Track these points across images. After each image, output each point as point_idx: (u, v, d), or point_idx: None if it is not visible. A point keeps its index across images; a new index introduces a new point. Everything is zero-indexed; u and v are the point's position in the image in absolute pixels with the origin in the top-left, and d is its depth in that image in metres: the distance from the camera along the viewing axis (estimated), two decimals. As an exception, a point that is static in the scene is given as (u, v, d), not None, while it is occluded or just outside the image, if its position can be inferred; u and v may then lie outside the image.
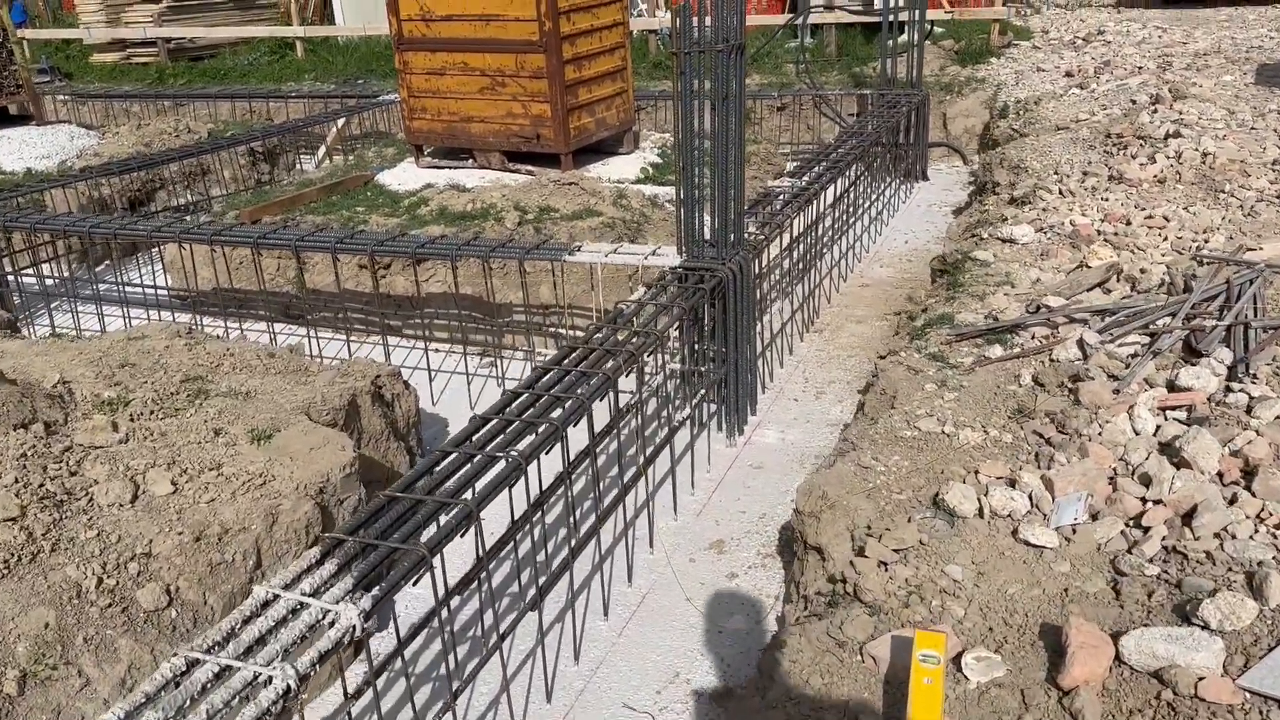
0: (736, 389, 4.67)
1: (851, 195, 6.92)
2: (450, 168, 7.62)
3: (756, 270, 4.95)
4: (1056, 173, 6.48)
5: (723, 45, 4.23)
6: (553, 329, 5.85)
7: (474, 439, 3.00)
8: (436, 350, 5.97)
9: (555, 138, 7.03)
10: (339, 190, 7.31)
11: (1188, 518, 2.55)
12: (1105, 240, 4.84)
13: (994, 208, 6.46)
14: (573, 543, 3.28)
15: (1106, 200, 5.45)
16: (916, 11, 9.17)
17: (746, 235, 4.81)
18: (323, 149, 9.90)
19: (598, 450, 3.35)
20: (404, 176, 7.55)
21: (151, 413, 3.54)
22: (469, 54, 7.14)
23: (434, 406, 5.25)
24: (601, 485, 3.67)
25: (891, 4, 9.24)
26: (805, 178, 6.37)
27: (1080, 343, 3.57)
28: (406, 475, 2.80)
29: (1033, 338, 3.92)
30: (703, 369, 4.61)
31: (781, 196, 5.85)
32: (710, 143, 4.45)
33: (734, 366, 4.59)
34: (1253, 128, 6.16)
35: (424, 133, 7.59)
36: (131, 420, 3.46)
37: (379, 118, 10.74)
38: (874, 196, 7.59)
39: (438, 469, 2.83)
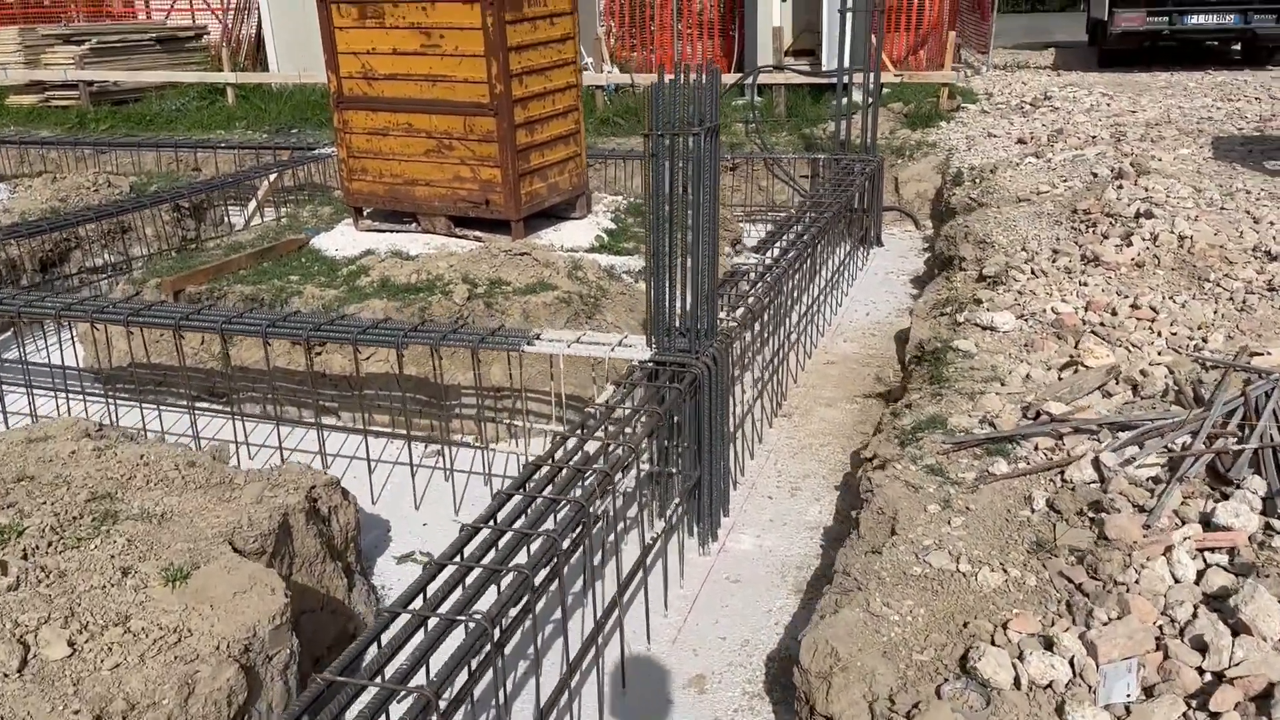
0: (710, 491, 4.30)
1: (815, 267, 6.65)
2: (392, 231, 7.19)
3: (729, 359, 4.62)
4: (1025, 249, 6.29)
5: (699, 127, 3.91)
6: (506, 416, 5.43)
7: (429, 592, 2.58)
8: (378, 436, 5.50)
9: (506, 204, 6.66)
10: (271, 256, 6.82)
11: (1261, 700, 2.24)
12: (1092, 332, 4.60)
13: (962, 285, 6.24)
14: (541, 704, 2.85)
15: (1085, 285, 5.24)
16: (870, 75, 9.05)
17: (718, 321, 4.48)
18: (253, 204, 9.38)
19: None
20: (342, 241, 7.09)
21: (50, 545, 3.05)
22: (414, 115, 6.74)
23: (374, 506, 4.79)
24: (568, 622, 3.25)
25: (843, 66, 9.12)
26: (770, 252, 6.08)
27: (1096, 463, 3.27)
28: (350, 649, 2.35)
29: (1036, 448, 3.63)
30: (674, 471, 4.23)
31: (749, 275, 5.54)
32: (682, 229, 4.11)
33: (708, 468, 4.23)
34: (1223, 208, 6.04)
35: (364, 195, 7.15)
36: (24, 557, 2.96)
37: (314, 170, 10.27)
38: (835, 266, 7.34)
39: (387, 637, 2.39)
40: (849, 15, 12.31)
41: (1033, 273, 5.76)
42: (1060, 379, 4.20)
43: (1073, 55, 17.46)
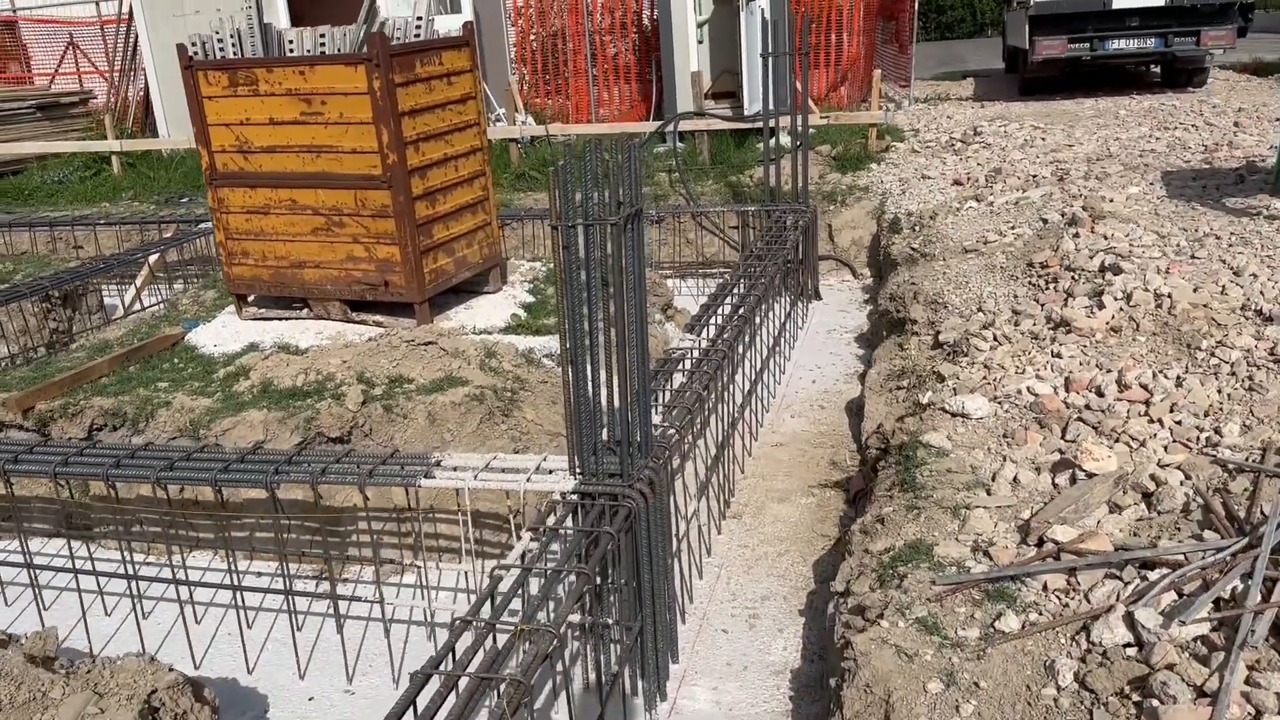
0: (655, 638, 3.59)
1: (757, 337, 6.02)
2: (280, 318, 6.40)
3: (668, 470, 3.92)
4: (981, 309, 5.73)
5: (617, 215, 3.24)
6: (408, 551, 4.66)
7: None
8: (257, 573, 4.69)
9: (407, 284, 5.92)
10: (139, 357, 5.97)
11: None
12: (1079, 419, 4.01)
13: (917, 353, 5.65)
14: None
15: (1059, 357, 4.67)
16: (797, 119, 8.52)
17: (654, 429, 3.80)
18: (132, 290, 8.48)
19: None
20: (223, 333, 6.27)
21: None
22: (297, 190, 5.99)
23: (250, 675, 3.98)
24: None
25: (767, 109, 8.58)
26: (706, 330, 5.43)
27: (1130, 621, 2.64)
28: None
29: (1045, 589, 3.00)
30: (610, 623, 3.52)
31: (684, 362, 4.87)
32: (605, 326, 3.43)
33: (651, 616, 3.52)
34: (1194, 256, 5.55)
35: (247, 280, 6.35)
36: None
37: (203, 244, 9.38)
38: (775, 330, 6.72)
39: None
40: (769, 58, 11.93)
41: (995, 339, 5.19)
42: (1055, 486, 3.59)
43: (992, 84, 17.30)
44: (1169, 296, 4.84)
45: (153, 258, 8.50)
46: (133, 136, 13.33)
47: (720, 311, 5.72)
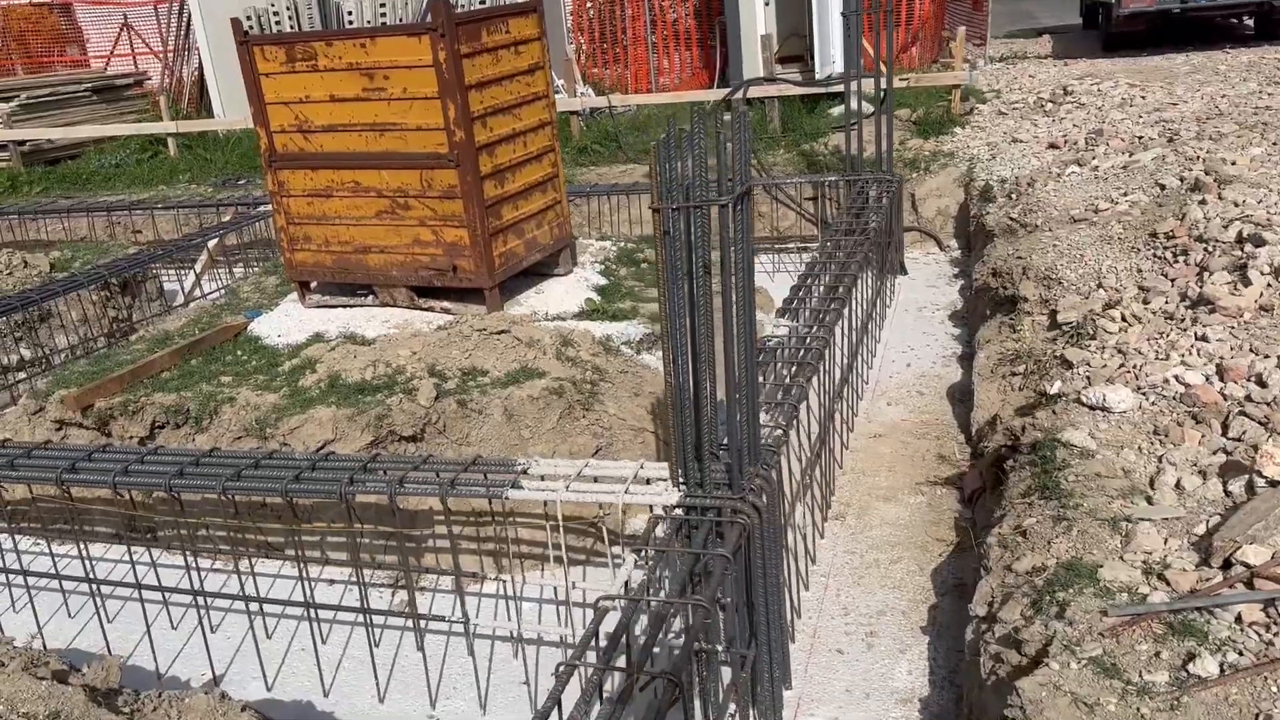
0: (770, 667, 3.22)
1: (852, 321, 5.58)
2: (345, 306, 6.11)
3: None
4: (1102, 286, 5.24)
5: (727, 197, 2.84)
6: (491, 547, 4.35)
7: None
8: (329, 581, 4.41)
9: (476, 269, 5.58)
10: (200, 349, 5.72)
11: None
12: (1242, 413, 3.55)
13: (1030, 334, 5.18)
14: None
15: (1205, 340, 4.18)
16: (880, 81, 8.00)
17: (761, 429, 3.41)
18: (192, 276, 8.28)
19: None
20: (286, 323, 5.99)
21: None
22: (360, 171, 5.67)
23: (327, 697, 3.69)
24: None
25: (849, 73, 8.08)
26: (802, 315, 5.02)
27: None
28: None
29: (1239, 621, 2.57)
30: (719, 649, 3.15)
31: (780, 352, 4.46)
32: (704, 325, 3.04)
33: (765, 645, 3.15)
34: (1345, 223, 5.00)
35: (309, 267, 6.06)
36: None
37: (263, 227, 9.15)
38: (866, 309, 6.27)
39: None
40: (835, 14, 11.33)
41: (1124, 319, 4.71)
42: (1228, 494, 3.14)
43: (1071, 41, 16.47)
44: (1328, 270, 4.32)
45: (212, 243, 8.27)
46: (188, 118, 13.17)
47: (813, 292, 5.30)
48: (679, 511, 3.09)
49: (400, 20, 5.58)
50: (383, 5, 5.59)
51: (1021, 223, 6.88)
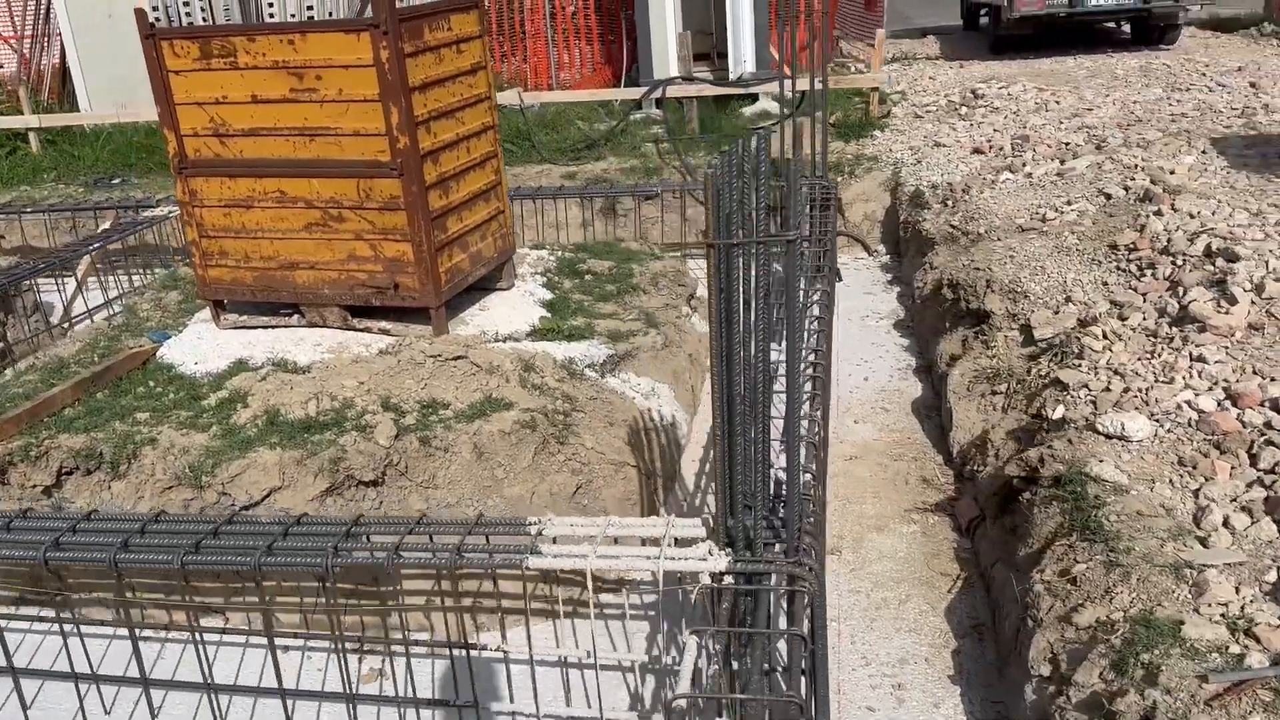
0: (815, 739, 2.94)
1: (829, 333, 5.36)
2: (267, 327, 5.55)
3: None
4: (1070, 300, 5.17)
5: (793, 234, 2.55)
6: (468, 603, 3.94)
7: None
8: (286, 647, 3.92)
9: (421, 286, 5.13)
10: (106, 380, 5.09)
11: None
12: (1269, 442, 3.46)
13: (1006, 351, 5.08)
14: None
15: (1202, 361, 4.12)
16: (816, 81, 7.83)
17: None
18: (72, 287, 7.48)
19: None
20: (201, 347, 5.40)
21: None
22: (287, 179, 5.13)
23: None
24: None
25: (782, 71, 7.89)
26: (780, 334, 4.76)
27: None
28: None
29: (1351, 684, 2.43)
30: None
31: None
32: (763, 374, 2.74)
33: (825, 714, 2.87)
34: (1304, 237, 5.06)
35: (226, 285, 5.48)
36: None
37: (152, 235, 8.35)
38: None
39: None
40: (748, 12, 11.17)
41: (1106, 337, 4.63)
42: (1286, 532, 3.04)
43: (956, 43, 16.80)
44: (1312, 288, 4.33)
45: (91, 251, 7.48)
46: (50, 110, 12.06)
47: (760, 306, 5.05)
48: (730, 579, 2.78)
49: (330, 15, 5.08)
50: (310, -3, 5.08)
51: (964, 230, 6.82)
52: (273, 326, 5.53)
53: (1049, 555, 3.34)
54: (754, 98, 10.67)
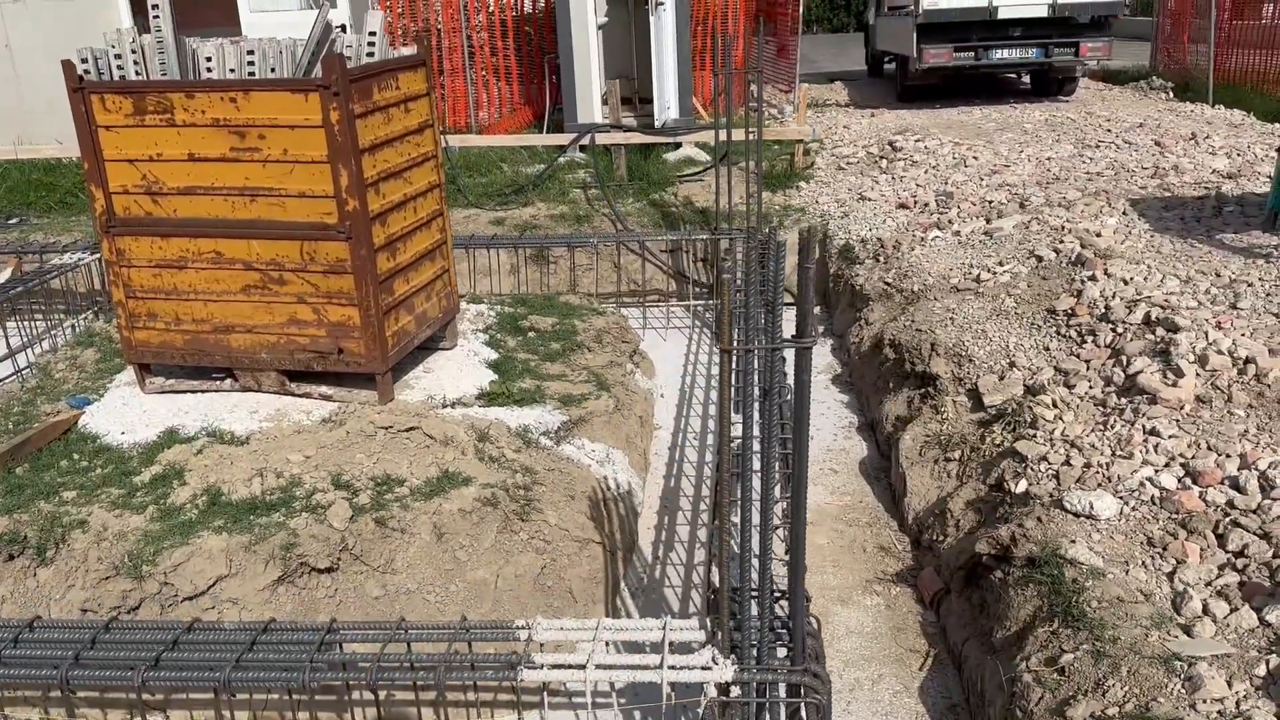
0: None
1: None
2: (196, 391, 5.27)
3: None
4: (1014, 365, 5.28)
5: (809, 339, 2.51)
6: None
7: None
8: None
9: (368, 351, 4.94)
10: (23, 454, 4.75)
11: None
12: (1234, 523, 3.56)
13: (955, 416, 5.15)
14: None
15: (1156, 435, 4.23)
16: (750, 133, 7.91)
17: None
18: (-27, 342, 7.00)
19: None
20: (127, 415, 5.10)
21: None
22: (224, 240, 4.90)
23: None
24: None
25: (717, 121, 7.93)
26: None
27: None
28: None
29: (1353, 786, 2.48)
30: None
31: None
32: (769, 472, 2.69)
33: (826, 826, 2.81)
34: (1236, 307, 5.25)
35: (154, 348, 5.19)
36: None
37: (60, 281, 7.88)
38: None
39: None
40: (671, 59, 11.25)
41: (1054, 405, 4.73)
42: (1264, 623, 3.11)
43: (863, 90, 17.27)
44: (1252, 361, 4.50)
45: (-3, 303, 7.02)
46: (-65, 143, 11.35)
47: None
48: (737, 690, 2.70)
49: (272, 72, 4.88)
50: (250, 55, 4.86)
51: (898, 288, 6.94)
52: (203, 391, 5.26)
53: (1032, 642, 3.36)
54: (678, 144, 10.74)
